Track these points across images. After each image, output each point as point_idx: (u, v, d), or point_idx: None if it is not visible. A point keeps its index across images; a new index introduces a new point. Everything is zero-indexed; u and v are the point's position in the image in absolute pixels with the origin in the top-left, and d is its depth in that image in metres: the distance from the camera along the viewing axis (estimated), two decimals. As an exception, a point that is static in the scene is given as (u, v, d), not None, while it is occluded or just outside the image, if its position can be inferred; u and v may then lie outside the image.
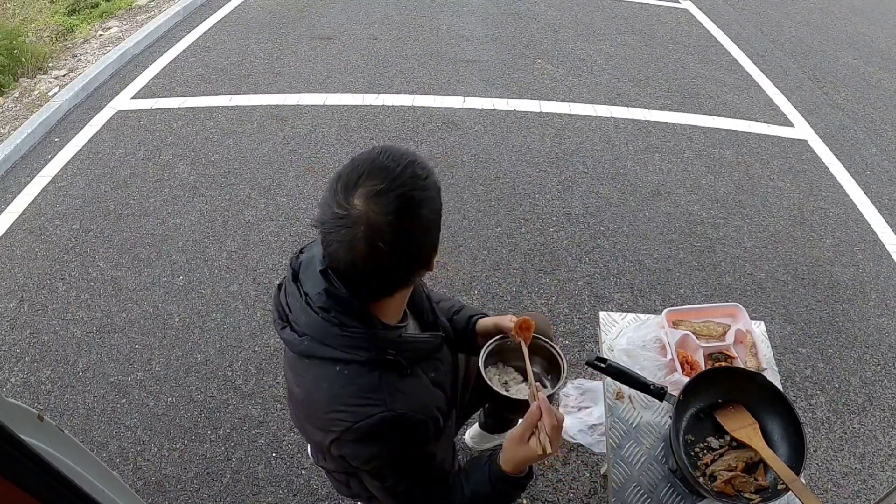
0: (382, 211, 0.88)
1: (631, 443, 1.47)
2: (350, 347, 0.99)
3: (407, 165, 0.92)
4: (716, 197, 3.36)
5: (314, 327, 1.00)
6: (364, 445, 1.01)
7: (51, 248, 2.89)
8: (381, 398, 0.99)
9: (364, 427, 0.98)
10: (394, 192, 0.89)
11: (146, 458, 2.10)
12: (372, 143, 3.61)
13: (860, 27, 5.86)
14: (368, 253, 0.89)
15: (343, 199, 0.90)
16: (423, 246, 0.96)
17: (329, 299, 0.99)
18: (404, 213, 0.89)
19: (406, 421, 1.00)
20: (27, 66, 4.35)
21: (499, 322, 1.34)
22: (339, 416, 1.00)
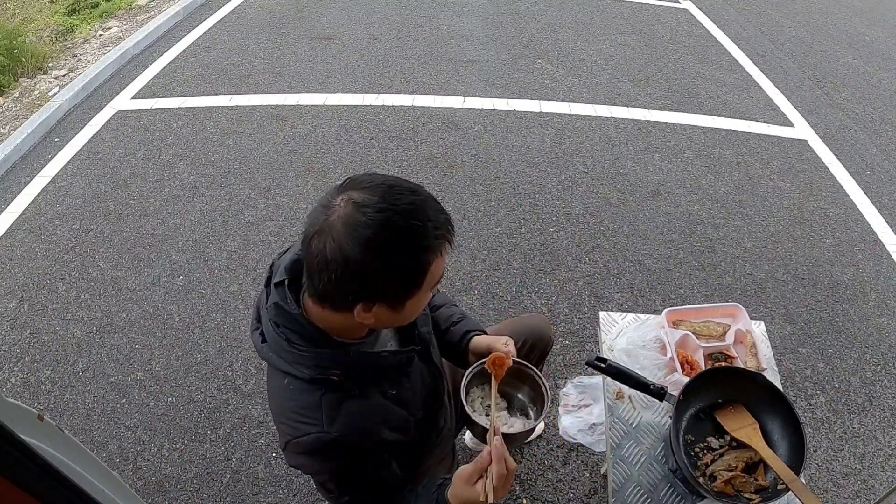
0: (363, 217, 0.88)
1: (631, 443, 1.47)
2: (295, 363, 1.00)
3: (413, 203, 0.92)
4: (716, 197, 3.36)
5: (272, 338, 1.03)
6: (306, 458, 1.04)
7: (51, 248, 2.89)
8: (317, 418, 1.00)
9: (302, 443, 1.01)
10: (384, 210, 0.88)
11: (146, 458, 2.10)
12: (372, 143, 3.61)
13: (860, 27, 5.86)
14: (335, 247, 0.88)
15: (335, 192, 0.92)
16: (377, 276, 0.90)
17: (278, 313, 1.00)
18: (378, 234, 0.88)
19: (340, 443, 1.00)
20: (27, 66, 4.35)
21: (492, 344, 1.28)
22: (283, 428, 1.04)
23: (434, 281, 0.98)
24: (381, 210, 0.89)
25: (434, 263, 0.95)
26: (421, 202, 0.93)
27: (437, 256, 0.95)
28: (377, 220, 0.88)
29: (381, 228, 0.88)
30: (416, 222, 0.91)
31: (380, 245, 0.88)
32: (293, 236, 2.96)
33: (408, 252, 0.91)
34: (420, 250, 0.92)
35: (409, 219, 0.90)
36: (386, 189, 0.91)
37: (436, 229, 0.93)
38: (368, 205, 0.89)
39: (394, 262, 0.91)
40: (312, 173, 3.37)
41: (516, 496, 2.01)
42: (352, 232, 0.88)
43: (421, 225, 0.91)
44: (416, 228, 0.91)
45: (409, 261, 0.92)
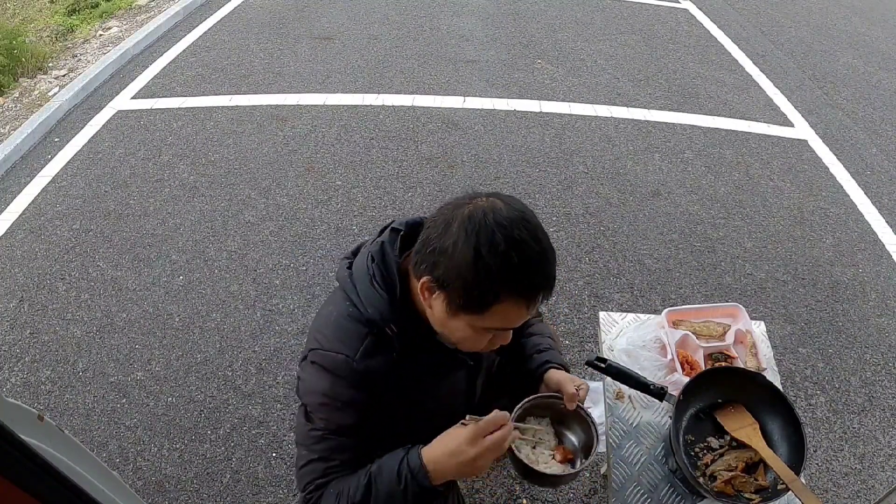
0: (488, 216, 0.92)
1: (631, 443, 1.47)
2: (366, 298, 1.04)
3: (530, 244, 0.94)
4: (716, 197, 3.36)
5: (359, 268, 1.07)
6: (320, 372, 1.06)
7: (51, 248, 2.89)
8: (354, 348, 1.04)
9: (327, 358, 1.05)
10: (506, 228, 0.92)
11: (146, 458, 2.10)
12: (372, 143, 3.62)
13: (860, 27, 5.86)
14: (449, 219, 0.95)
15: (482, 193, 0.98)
16: (457, 265, 0.93)
17: (380, 251, 1.05)
18: (485, 237, 0.91)
19: (357, 377, 1.04)
20: (27, 66, 4.35)
21: (563, 383, 1.26)
22: (317, 337, 1.08)
23: (497, 324, 0.98)
24: (501, 225, 0.92)
25: (503, 305, 0.95)
26: (533, 250, 0.93)
27: (510, 303, 0.95)
28: (490, 229, 0.91)
29: (486, 235, 0.91)
30: (515, 259, 0.92)
31: (475, 245, 0.91)
32: (293, 236, 2.96)
33: (488, 273, 0.92)
34: (498, 283, 0.93)
35: (510, 251, 0.91)
36: (520, 217, 0.94)
37: (525, 280, 0.94)
38: (498, 214, 0.93)
39: (474, 267, 0.92)
40: (312, 173, 3.37)
41: (516, 496, 2.01)
42: (468, 220, 0.93)
43: (517, 264, 0.92)
44: (510, 264, 0.92)
45: (484, 280, 0.93)
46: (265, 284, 2.72)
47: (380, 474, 1.06)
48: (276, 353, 2.44)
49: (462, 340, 1.04)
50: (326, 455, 1.10)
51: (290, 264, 2.82)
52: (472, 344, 1.05)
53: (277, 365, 2.39)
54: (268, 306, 2.62)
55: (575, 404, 1.23)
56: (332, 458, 1.10)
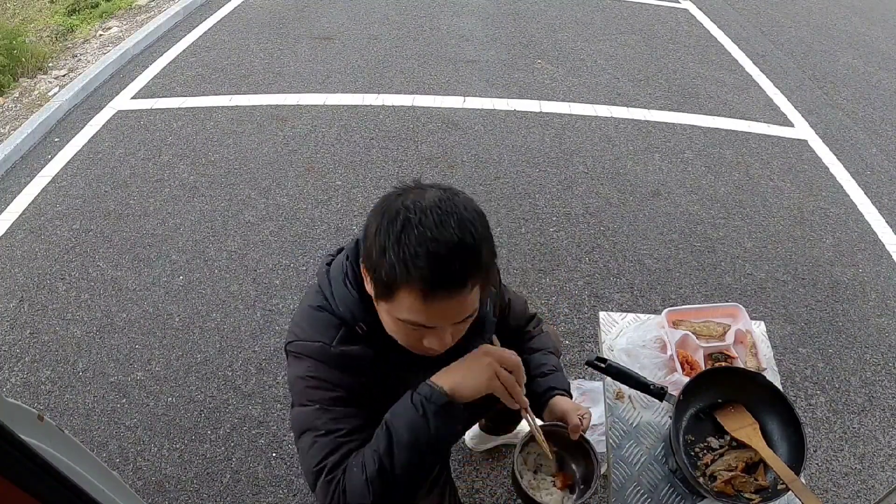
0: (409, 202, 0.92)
1: (631, 443, 1.47)
2: (340, 297, 1.05)
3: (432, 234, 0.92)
4: (716, 197, 3.36)
5: (335, 265, 1.11)
6: (295, 361, 1.09)
7: (51, 248, 2.89)
8: (329, 336, 1.06)
9: (306, 346, 1.07)
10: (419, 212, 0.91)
11: (146, 458, 2.10)
12: (372, 143, 3.62)
13: (860, 27, 5.86)
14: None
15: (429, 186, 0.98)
16: (371, 244, 0.94)
17: (355, 249, 1.08)
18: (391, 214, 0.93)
19: (336, 358, 1.05)
20: (27, 66, 4.35)
21: (568, 413, 1.25)
22: (295, 330, 1.11)
23: (405, 314, 0.93)
24: (410, 208, 0.90)
25: (403, 293, 0.90)
26: (438, 240, 0.87)
27: (410, 294, 0.90)
28: (398, 210, 0.90)
29: (394, 218, 0.90)
30: (414, 246, 0.87)
31: (379, 226, 0.92)
32: (293, 236, 2.96)
33: (390, 255, 0.89)
34: (398, 268, 0.88)
35: (412, 237, 0.88)
36: (435, 205, 0.90)
37: (421, 271, 0.87)
38: (423, 199, 0.91)
39: (378, 248, 0.91)
40: (312, 173, 3.37)
41: (516, 497, 2.01)
42: (386, 199, 0.95)
43: (415, 253, 0.87)
44: (407, 250, 0.88)
45: (387, 263, 0.89)
46: (265, 284, 2.72)
47: (394, 415, 1.03)
48: (276, 353, 2.43)
49: (394, 334, 1.02)
50: (330, 427, 1.05)
51: (290, 264, 2.82)
52: (405, 340, 1.01)
53: (277, 365, 2.39)
54: (268, 306, 2.62)
55: (578, 434, 1.23)
56: (336, 428, 1.04)
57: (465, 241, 0.89)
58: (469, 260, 0.90)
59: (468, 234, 0.90)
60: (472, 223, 0.91)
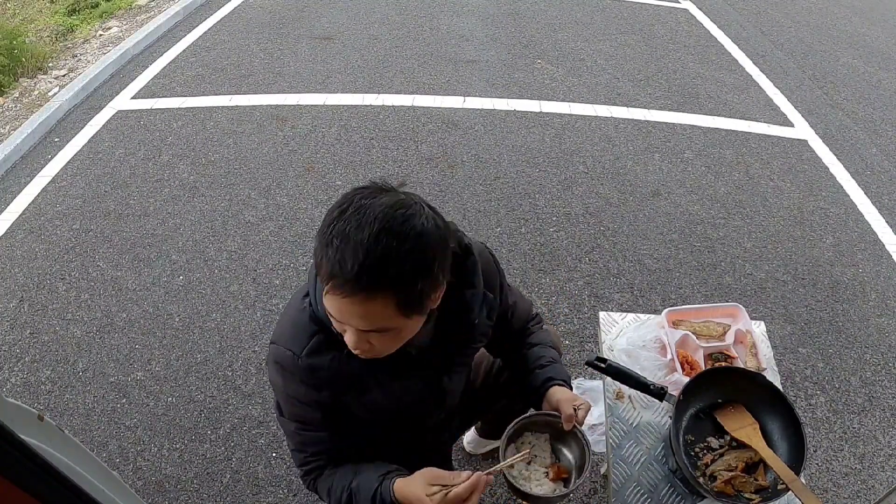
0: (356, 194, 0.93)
1: (631, 443, 1.47)
2: (318, 296, 1.03)
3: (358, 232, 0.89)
4: (716, 197, 3.36)
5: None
6: (271, 365, 1.11)
7: (51, 248, 2.89)
8: (300, 343, 1.06)
9: (278, 353, 1.09)
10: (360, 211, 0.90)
11: (146, 458, 2.10)
12: (372, 143, 3.62)
13: (860, 27, 5.86)
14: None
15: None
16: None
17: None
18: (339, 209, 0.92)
19: (303, 371, 1.06)
20: (27, 66, 4.35)
21: (563, 402, 1.25)
22: (277, 328, 1.12)
23: (332, 310, 0.94)
24: (340, 202, 0.91)
25: (319, 278, 0.93)
26: (347, 229, 0.87)
27: (320, 278, 0.92)
28: (340, 200, 0.91)
29: (340, 204, 0.90)
30: (323, 239, 0.89)
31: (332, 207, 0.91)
32: (293, 236, 2.96)
33: (319, 234, 0.91)
34: (317, 249, 0.91)
35: (331, 225, 0.89)
36: (359, 202, 0.89)
37: (321, 255, 0.89)
38: (358, 195, 0.91)
39: (317, 235, 0.92)
40: (312, 173, 3.37)
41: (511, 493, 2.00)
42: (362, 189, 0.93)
43: (321, 243, 0.89)
44: (323, 238, 0.89)
45: (316, 244, 0.92)
46: (265, 284, 2.72)
47: (358, 492, 1.12)
48: (276, 353, 2.43)
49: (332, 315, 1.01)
50: (300, 448, 1.18)
51: (290, 264, 2.82)
52: (351, 341, 1.00)
53: (277, 365, 2.39)
54: (268, 306, 2.62)
55: (572, 425, 1.22)
56: (305, 449, 1.17)
57: (376, 250, 0.86)
58: (375, 271, 0.86)
59: (386, 246, 0.86)
60: (403, 239, 0.87)
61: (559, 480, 1.23)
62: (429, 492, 1.03)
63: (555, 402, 1.26)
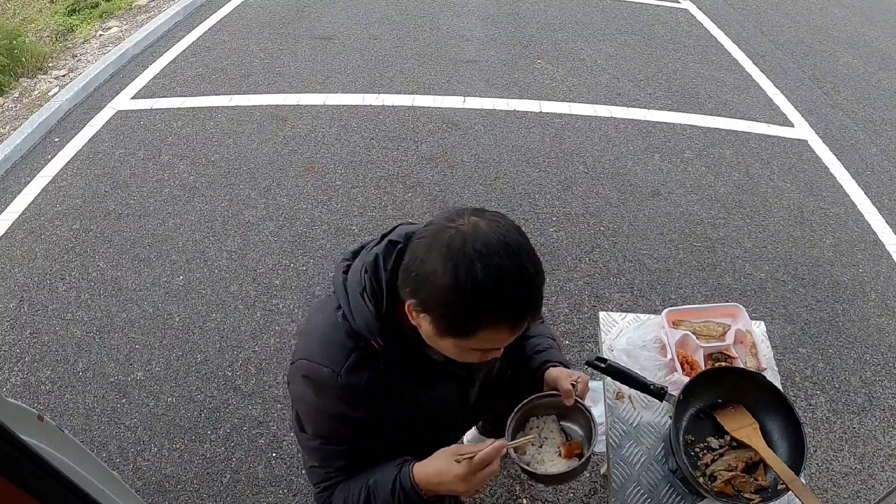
0: (468, 244, 0.91)
1: (631, 443, 1.47)
2: (356, 309, 1.04)
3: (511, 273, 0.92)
4: (716, 197, 3.36)
5: (352, 275, 1.08)
6: (301, 381, 1.09)
7: (51, 248, 2.89)
8: (339, 361, 1.05)
9: (312, 370, 1.06)
10: (486, 256, 0.90)
11: (146, 458, 2.10)
12: (372, 143, 3.62)
13: (860, 27, 5.86)
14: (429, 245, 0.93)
15: (466, 212, 0.96)
16: (438, 291, 0.92)
17: (374, 264, 1.04)
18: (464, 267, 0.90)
19: (343, 391, 1.05)
20: (27, 66, 4.35)
21: (560, 378, 1.27)
22: (305, 345, 1.10)
23: (482, 346, 0.99)
24: (483, 253, 0.90)
25: (485, 331, 0.95)
26: (522, 275, 0.92)
27: (491, 328, 0.95)
28: (469, 257, 0.90)
29: (465, 265, 0.90)
30: (491, 286, 0.91)
31: (452, 275, 0.90)
32: (293, 236, 2.96)
33: (468, 302, 0.92)
34: (485, 312, 0.93)
35: (488, 280, 0.91)
36: (501, 242, 0.92)
37: (505, 307, 0.93)
38: (478, 240, 0.91)
39: (454, 297, 0.91)
40: (312, 173, 3.37)
41: (516, 496, 2.01)
42: (447, 247, 0.91)
43: (494, 290, 0.91)
44: (489, 291, 0.91)
45: (465, 309, 0.93)
46: (265, 284, 2.72)
47: (376, 487, 1.11)
48: (276, 353, 2.44)
49: (454, 356, 1.05)
50: (322, 463, 1.15)
51: (290, 264, 2.82)
52: (464, 359, 1.06)
53: (277, 365, 2.39)
54: (268, 306, 2.62)
55: (573, 399, 1.23)
56: (327, 465, 1.15)
57: (539, 270, 0.95)
58: (543, 285, 0.96)
59: (536, 262, 0.95)
60: (530, 247, 0.95)
61: (573, 457, 1.24)
62: (451, 467, 1.06)
63: (552, 381, 1.28)
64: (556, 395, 1.25)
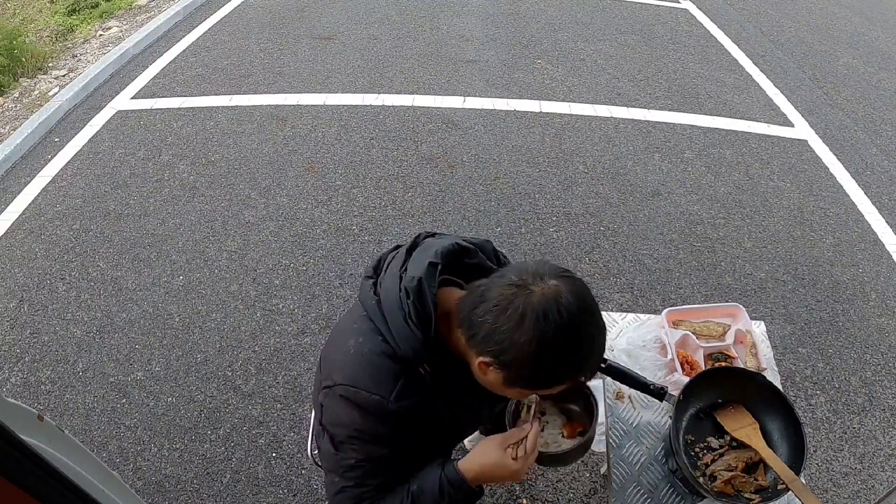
0: (565, 303, 0.92)
1: (631, 443, 1.47)
2: (399, 335, 1.01)
3: (593, 336, 0.97)
4: (716, 197, 3.36)
5: (388, 298, 1.03)
6: (344, 406, 1.05)
7: (51, 248, 2.89)
8: (388, 388, 1.02)
9: (360, 397, 1.03)
10: (570, 325, 0.92)
11: (146, 458, 2.10)
12: (372, 143, 3.62)
13: (860, 27, 5.86)
14: (517, 326, 0.92)
15: (537, 274, 0.96)
16: (518, 354, 0.93)
17: (418, 289, 1.01)
18: (552, 332, 0.92)
19: (394, 417, 1.03)
20: (27, 66, 4.35)
21: None
22: (346, 371, 1.05)
23: (549, 392, 1.02)
24: (575, 324, 0.93)
25: (564, 385, 0.99)
26: (602, 337, 0.98)
27: (570, 382, 0.99)
28: (564, 326, 0.92)
29: (561, 334, 0.92)
30: (584, 353, 0.96)
31: (550, 344, 0.92)
32: (293, 236, 2.96)
33: (559, 367, 0.96)
34: (567, 373, 0.97)
35: (587, 345, 0.95)
36: (584, 304, 0.95)
37: (589, 368, 0.99)
38: (568, 305, 0.93)
39: (544, 362, 0.94)
40: (312, 173, 3.37)
41: (516, 496, 2.01)
42: (541, 315, 0.91)
43: (585, 357, 0.96)
44: (581, 359, 0.96)
45: (553, 372, 0.96)
46: (265, 284, 2.72)
47: (420, 493, 1.09)
48: (276, 353, 2.44)
49: (510, 396, 1.09)
50: (360, 481, 1.10)
51: (290, 264, 2.82)
52: (516, 397, 1.11)
53: (277, 365, 2.39)
54: (268, 306, 2.62)
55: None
56: (365, 483, 1.10)
57: (604, 322, 1.00)
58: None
59: (601, 315, 1.00)
60: (594, 301, 0.99)
61: (577, 436, 1.27)
62: (507, 452, 1.08)
63: None
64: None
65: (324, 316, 2.59)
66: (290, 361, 2.41)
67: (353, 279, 2.75)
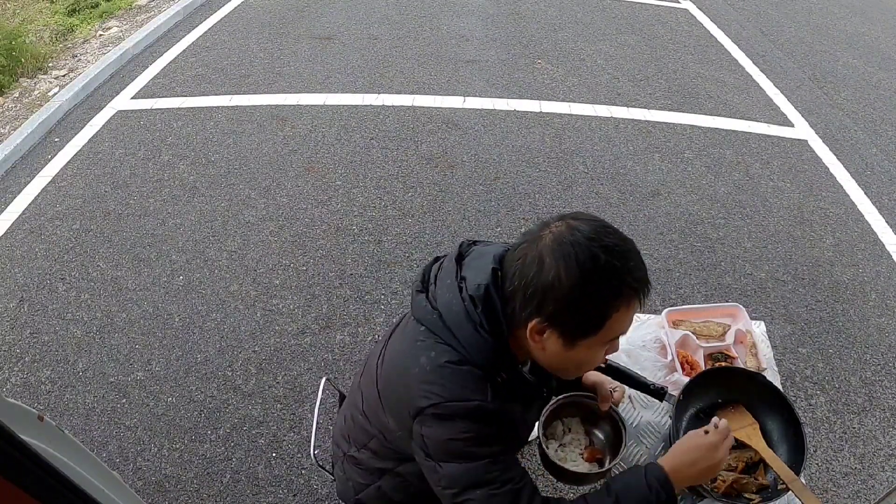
0: (571, 236, 0.93)
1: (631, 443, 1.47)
2: (473, 347, 1.00)
3: (619, 246, 0.96)
4: (716, 197, 3.36)
5: (451, 309, 1.02)
6: (448, 424, 1.01)
7: (51, 248, 2.89)
8: (482, 392, 1.01)
9: (459, 407, 1.00)
10: (593, 240, 0.93)
11: (146, 458, 2.10)
12: (372, 143, 3.62)
13: (860, 27, 5.86)
14: (535, 255, 0.94)
15: (555, 217, 0.98)
16: (563, 297, 0.93)
17: (486, 297, 1.00)
18: (579, 256, 0.92)
19: (499, 415, 1.02)
20: (27, 66, 4.35)
21: (599, 384, 1.29)
22: (432, 389, 1.01)
23: (612, 334, 1.00)
24: (590, 238, 0.93)
25: (619, 313, 0.96)
26: (627, 249, 0.96)
27: (624, 308, 0.97)
28: (584, 245, 0.92)
29: (584, 252, 0.92)
30: (616, 263, 0.94)
31: (576, 267, 0.92)
32: (293, 236, 2.96)
33: (599, 286, 0.93)
34: (610, 291, 0.94)
35: (611, 257, 0.93)
36: (600, 226, 0.96)
37: (633, 279, 0.96)
38: (581, 230, 0.94)
39: (583, 289, 0.93)
40: (312, 173, 3.37)
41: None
42: (557, 247, 0.93)
43: (620, 267, 0.94)
44: (615, 269, 0.94)
45: (596, 296, 0.94)
46: (265, 284, 2.72)
47: (626, 492, 1.05)
48: (276, 353, 2.44)
49: (579, 366, 1.06)
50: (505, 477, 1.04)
51: (290, 264, 2.82)
52: (590, 365, 1.07)
53: (277, 365, 2.39)
54: (268, 306, 2.62)
55: (608, 405, 1.26)
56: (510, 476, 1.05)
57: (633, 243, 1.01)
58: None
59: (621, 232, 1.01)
60: (610, 224, 1.00)
61: (594, 462, 1.28)
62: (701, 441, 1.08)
63: (591, 383, 1.30)
64: (589, 398, 1.29)
65: (324, 316, 2.59)
66: (290, 361, 2.41)
67: (352, 279, 2.75)
